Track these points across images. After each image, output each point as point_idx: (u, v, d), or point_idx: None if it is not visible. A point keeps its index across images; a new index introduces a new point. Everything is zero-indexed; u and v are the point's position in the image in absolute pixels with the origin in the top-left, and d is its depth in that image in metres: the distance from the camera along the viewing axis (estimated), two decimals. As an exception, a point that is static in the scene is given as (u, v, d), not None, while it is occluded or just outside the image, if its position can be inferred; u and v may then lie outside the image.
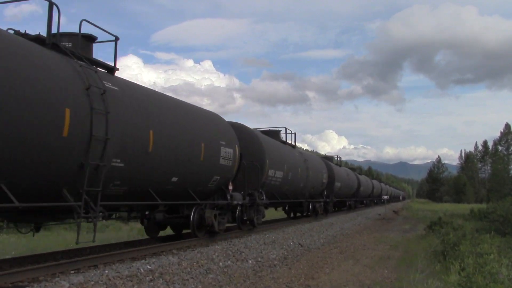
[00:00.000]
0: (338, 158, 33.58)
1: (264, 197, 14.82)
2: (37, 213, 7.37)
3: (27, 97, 6.00)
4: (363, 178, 43.05)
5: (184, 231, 12.76)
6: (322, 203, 24.47)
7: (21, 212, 6.93)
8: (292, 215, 23.66)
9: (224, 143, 11.79)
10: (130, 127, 8.06)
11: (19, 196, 6.01)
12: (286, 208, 22.22)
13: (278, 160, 16.25)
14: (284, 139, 19.36)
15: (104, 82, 7.66)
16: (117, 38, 8.62)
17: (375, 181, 57.40)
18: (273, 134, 18.29)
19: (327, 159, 29.64)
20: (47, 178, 6.58)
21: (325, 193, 24.95)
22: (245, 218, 13.92)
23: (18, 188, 6.11)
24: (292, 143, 20.07)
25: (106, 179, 7.55)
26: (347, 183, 31.33)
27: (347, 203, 34.53)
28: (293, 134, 20.11)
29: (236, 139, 12.76)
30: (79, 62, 7.49)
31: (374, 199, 53.58)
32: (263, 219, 15.87)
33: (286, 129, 19.63)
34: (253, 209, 14.31)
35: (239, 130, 13.99)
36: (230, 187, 12.71)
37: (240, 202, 13.08)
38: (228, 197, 12.42)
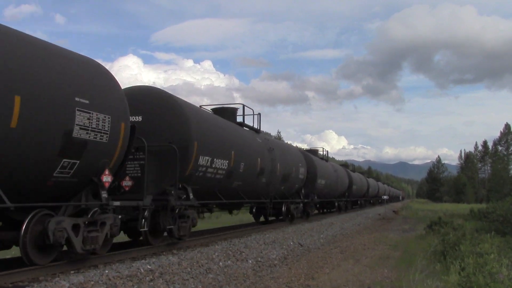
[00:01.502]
0: (324, 152, 28.68)
1: (191, 196, 10.43)
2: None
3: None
4: (356, 175, 38.60)
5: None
6: (300, 204, 20.24)
7: None
8: (264, 218, 19.18)
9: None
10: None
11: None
12: (254, 210, 18.21)
13: (218, 144, 11.66)
14: (243, 121, 15.09)
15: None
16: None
17: (371, 180, 52.97)
18: (225, 112, 14.24)
19: (310, 152, 25.10)
20: None
21: (303, 192, 20.56)
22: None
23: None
24: (255, 127, 15.92)
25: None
26: (335, 180, 27.10)
27: (336, 204, 30.37)
28: (257, 116, 16.09)
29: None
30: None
31: (370, 199, 49.77)
32: (193, 228, 11.35)
33: (244, 106, 15.25)
34: (167, 214, 9.83)
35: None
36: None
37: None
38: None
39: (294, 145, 43.80)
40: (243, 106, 15.18)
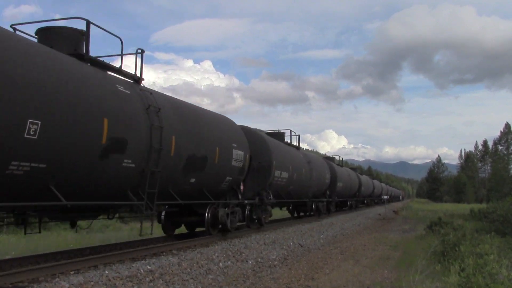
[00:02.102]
0: (340, 158, 34.27)
1: (271, 197, 15.36)
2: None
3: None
4: (364, 178, 43.33)
5: (198, 229, 13.67)
6: (325, 203, 24.92)
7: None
8: (296, 214, 24.37)
9: (236, 145, 12.91)
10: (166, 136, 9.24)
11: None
12: (290, 207, 22.81)
13: (283, 161, 16.79)
14: (289, 141, 20.20)
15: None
16: (142, 51, 9.33)
17: (375, 181, 57.97)
18: (279, 136, 19.20)
19: (329, 159, 30.05)
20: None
21: (327, 193, 25.37)
22: (254, 217, 15.15)
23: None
24: (296, 145, 20.90)
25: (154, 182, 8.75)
26: (349, 183, 31.67)
27: (348, 203, 34.85)
28: (297, 136, 21.05)
29: (246, 141, 13.91)
30: (140, 86, 9.14)
31: (375, 199, 53.98)
32: (270, 218, 16.67)
33: (291, 131, 20.59)
34: (261, 208, 15.06)
35: (248, 133, 14.90)
36: (242, 187, 13.69)
37: (249, 202, 14.48)
38: (240, 196, 13.46)
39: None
40: (290, 131, 20.41)
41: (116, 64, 8.76)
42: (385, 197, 44.67)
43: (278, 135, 19.29)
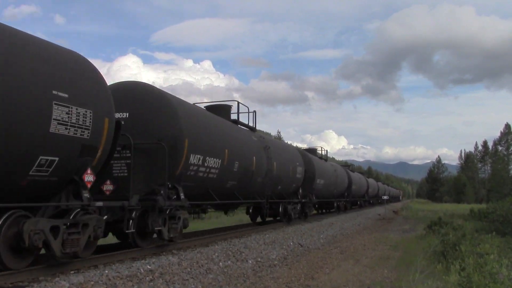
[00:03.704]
0: (323, 151, 28.57)
1: (182, 196, 9.99)
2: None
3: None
4: (355, 175, 38.21)
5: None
6: (298, 205, 19.81)
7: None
8: (261, 219, 18.57)
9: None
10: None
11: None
12: (250, 210, 18.05)
13: (210, 143, 11.19)
14: (237, 118, 14.80)
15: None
16: (255, 112, 15.25)
17: (371, 180, 52.86)
18: (219, 109, 13.80)
19: (309, 151, 24.78)
20: None
21: (300, 191, 20.04)
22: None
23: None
24: (250, 124, 15.68)
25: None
26: (334, 180, 26.56)
27: (335, 204, 29.73)
28: (252, 114, 15.74)
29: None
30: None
31: (370, 200, 49.10)
32: (184, 230, 10.99)
33: (239, 103, 14.99)
34: (154, 216, 9.35)
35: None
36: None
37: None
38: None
39: (294, 145, 43.54)
40: (238, 103, 14.84)
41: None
42: (385, 197, 43.55)
43: (218, 109, 13.80)
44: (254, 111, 15.72)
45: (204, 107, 13.86)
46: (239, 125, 14.71)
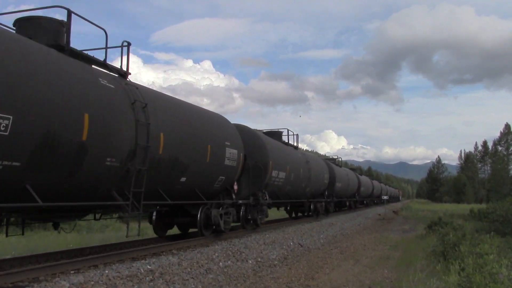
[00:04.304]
0: (339, 159, 34.91)
1: (267, 197, 15.18)
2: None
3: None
4: (363, 178, 43.34)
5: (191, 230, 13.25)
6: (323, 203, 24.75)
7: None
8: (294, 215, 24.35)
9: (229, 143, 12.44)
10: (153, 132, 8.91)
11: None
12: (288, 208, 22.71)
13: (280, 161, 16.44)
14: (286, 141, 19.79)
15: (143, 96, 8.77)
16: (129, 44, 9.03)
17: (375, 182, 57.78)
18: (276, 135, 18.69)
19: (329, 160, 30.19)
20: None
21: (326, 193, 25.21)
22: (249, 217, 14.86)
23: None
24: (294, 144, 20.50)
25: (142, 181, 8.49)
26: (348, 183, 31.70)
27: (347, 203, 34.83)
28: (295, 136, 20.55)
29: (240, 140, 13.43)
30: (125, 80, 8.80)
31: (374, 199, 53.93)
32: (266, 219, 16.42)
33: (288, 130, 20.11)
34: (256, 209, 14.87)
35: (243, 131, 14.52)
36: (235, 187, 13.39)
37: (244, 202, 14.33)
38: (234, 196, 13.26)
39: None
40: (288, 130, 20.06)
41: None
42: (385, 197, 44.22)
43: (276, 135, 18.77)
44: (297, 134, 20.78)
45: (264, 132, 18.00)
46: (288, 146, 19.54)
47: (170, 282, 7.44)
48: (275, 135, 18.68)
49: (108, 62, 8.68)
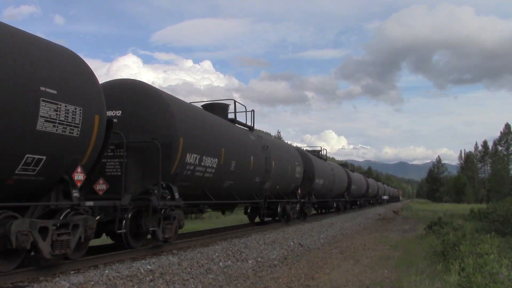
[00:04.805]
0: (323, 151, 28.15)
1: (176, 196, 9.70)
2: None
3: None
4: (355, 175, 38.03)
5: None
6: (297, 205, 19.56)
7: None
8: (259, 219, 18.23)
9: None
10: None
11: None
12: (249, 210, 17.60)
13: (206, 141, 11.03)
14: (235, 118, 14.61)
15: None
16: (253, 111, 15.37)
17: (371, 180, 52.47)
18: (215, 108, 13.63)
19: (310, 152, 24.86)
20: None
21: (299, 192, 19.72)
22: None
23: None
24: (248, 124, 15.41)
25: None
26: (333, 180, 26.15)
27: (334, 204, 29.37)
28: (250, 113, 15.50)
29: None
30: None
31: (370, 199, 49.06)
32: (182, 230, 10.97)
33: (235, 102, 14.71)
34: (148, 216, 9.11)
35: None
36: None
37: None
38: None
39: (294, 145, 43.64)
40: (234, 102, 14.59)
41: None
42: (385, 197, 43.34)
43: (215, 107, 13.70)
44: (253, 110, 15.60)
45: (201, 106, 13.61)
46: (236, 124, 14.47)
47: (170, 282, 7.44)
48: (214, 108, 13.61)
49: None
